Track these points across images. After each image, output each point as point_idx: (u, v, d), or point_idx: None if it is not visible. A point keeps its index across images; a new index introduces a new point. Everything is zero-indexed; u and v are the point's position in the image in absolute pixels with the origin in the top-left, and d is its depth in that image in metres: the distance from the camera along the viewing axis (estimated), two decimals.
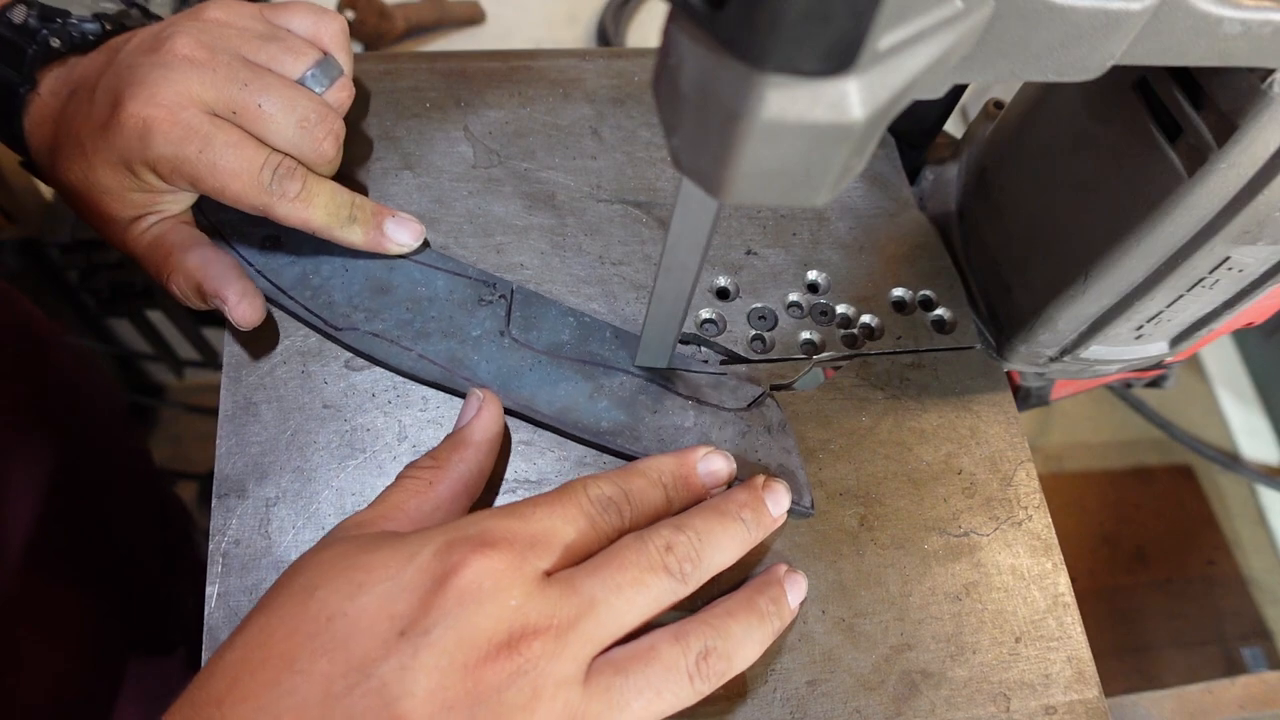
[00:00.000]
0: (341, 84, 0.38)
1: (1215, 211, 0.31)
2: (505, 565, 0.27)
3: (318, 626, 0.26)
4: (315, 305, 0.38)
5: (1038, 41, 0.24)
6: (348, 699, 0.25)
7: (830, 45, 0.19)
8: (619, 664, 0.28)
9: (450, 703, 0.25)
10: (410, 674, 0.25)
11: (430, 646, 0.25)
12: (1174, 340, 0.41)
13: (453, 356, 0.38)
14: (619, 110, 0.47)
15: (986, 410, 0.41)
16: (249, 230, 0.39)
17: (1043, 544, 0.38)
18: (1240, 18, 0.24)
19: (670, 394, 0.38)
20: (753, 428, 0.38)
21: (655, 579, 0.29)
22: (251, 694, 0.25)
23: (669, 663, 0.28)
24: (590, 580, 0.28)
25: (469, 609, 0.26)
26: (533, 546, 0.28)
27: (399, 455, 0.37)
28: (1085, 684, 0.35)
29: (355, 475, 0.36)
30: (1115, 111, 0.33)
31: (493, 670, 0.26)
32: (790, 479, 0.36)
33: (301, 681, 0.25)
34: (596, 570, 0.28)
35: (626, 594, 0.28)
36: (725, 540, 0.31)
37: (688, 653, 0.28)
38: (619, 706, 0.27)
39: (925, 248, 0.44)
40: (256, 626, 0.27)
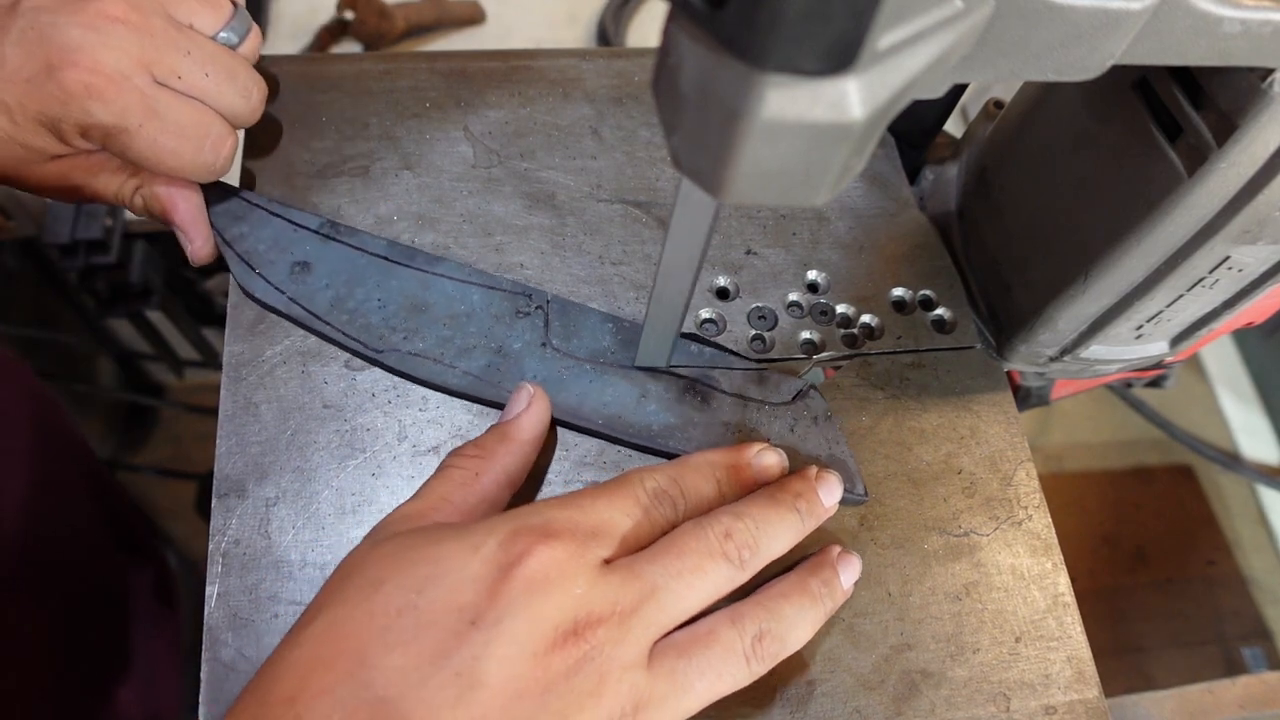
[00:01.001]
0: (254, 34, 0.39)
1: (1215, 211, 0.31)
2: (568, 555, 0.27)
3: (388, 620, 0.26)
4: (352, 329, 0.38)
5: (1037, 41, 0.24)
6: (423, 691, 0.25)
7: (830, 45, 0.19)
8: (681, 647, 0.28)
9: (522, 690, 0.26)
10: (483, 664, 0.25)
11: (501, 636, 0.26)
12: (1174, 340, 0.41)
13: (496, 370, 0.38)
14: (619, 110, 0.47)
15: (986, 410, 0.41)
16: (276, 258, 0.39)
17: (1043, 544, 0.38)
18: (1240, 17, 0.24)
19: (715, 392, 0.38)
20: (799, 420, 0.38)
21: (714, 565, 0.29)
22: (326, 690, 0.25)
23: (727, 645, 0.29)
24: (651, 567, 0.28)
25: (536, 598, 0.26)
26: (593, 536, 0.28)
27: (399, 455, 0.37)
28: (1085, 684, 0.35)
29: (355, 475, 0.36)
30: (1115, 111, 0.33)
31: (561, 657, 0.26)
32: (841, 467, 0.37)
33: (376, 676, 0.25)
34: (657, 557, 0.29)
35: (687, 580, 0.29)
36: (781, 529, 0.32)
37: (744, 635, 0.29)
38: (682, 688, 0.28)
39: (925, 247, 0.44)
40: (323, 623, 0.27)
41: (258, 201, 0.40)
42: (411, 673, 0.25)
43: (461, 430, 0.37)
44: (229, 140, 0.37)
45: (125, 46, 0.33)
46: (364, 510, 0.35)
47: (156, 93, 0.34)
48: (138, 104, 0.34)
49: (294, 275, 0.39)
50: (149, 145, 0.34)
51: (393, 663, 0.25)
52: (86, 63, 0.33)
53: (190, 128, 0.35)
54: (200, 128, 0.35)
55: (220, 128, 0.36)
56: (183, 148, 0.35)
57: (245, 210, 0.40)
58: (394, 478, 0.36)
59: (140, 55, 0.34)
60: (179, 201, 0.38)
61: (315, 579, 0.34)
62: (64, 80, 0.33)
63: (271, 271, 0.39)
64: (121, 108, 0.33)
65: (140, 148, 0.34)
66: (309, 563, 0.34)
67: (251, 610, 0.33)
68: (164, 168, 0.35)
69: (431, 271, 0.40)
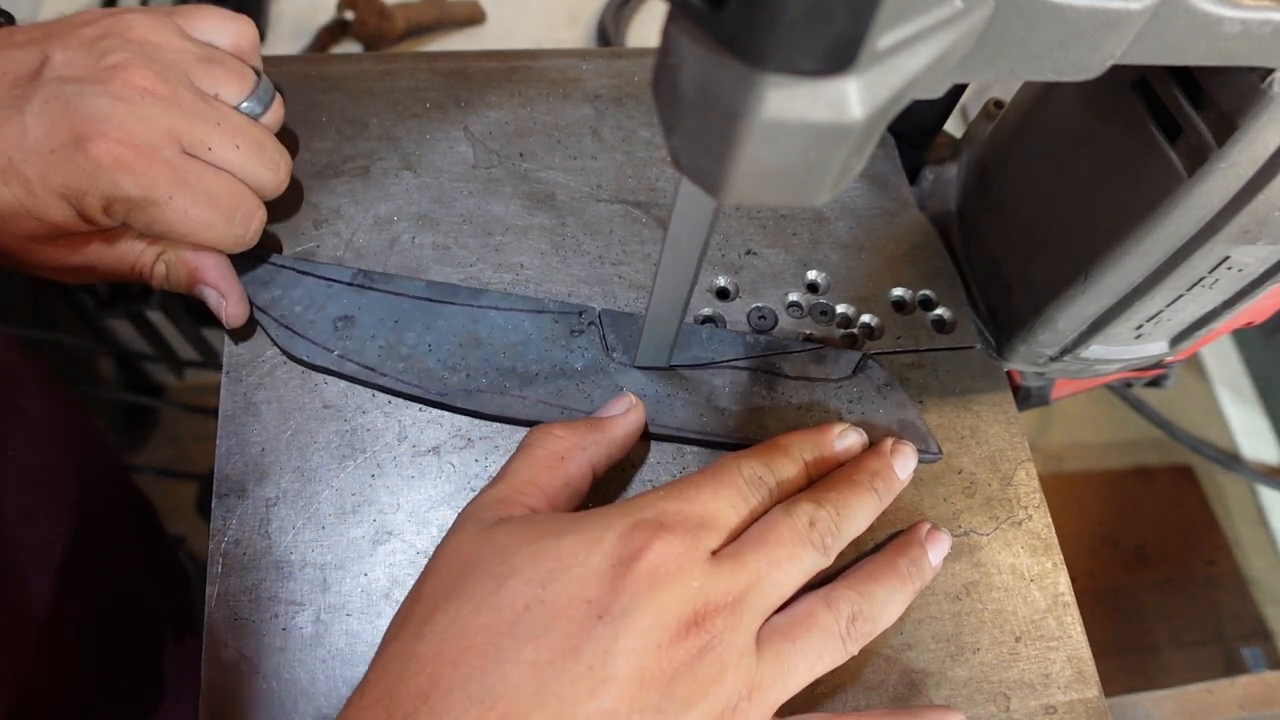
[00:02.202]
0: (277, 104, 0.38)
1: (1215, 211, 0.31)
2: (683, 547, 0.28)
3: (516, 615, 0.27)
4: (411, 376, 0.37)
5: (1037, 41, 0.24)
6: (556, 684, 0.26)
7: (830, 45, 0.19)
8: (784, 631, 0.30)
9: (649, 681, 0.26)
10: (612, 656, 0.26)
11: (629, 629, 0.27)
12: (1174, 340, 0.41)
13: (565, 393, 0.37)
14: (619, 110, 0.47)
15: (986, 410, 0.41)
16: (315, 316, 0.38)
17: (1043, 544, 0.38)
18: (1240, 17, 0.24)
19: (780, 379, 0.39)
20: (864, 392, 0.39)
21: (805, 552, 0.30)
22: (459, 684, 0.26)
23: (825, 628, 0.30)
24: (754, 556, 0.29)
25: (658, 591, 0.27)
26: (701, 527, 0.29)
27: (399, 455, 0.37)
28: (1085, 684, 0.35)
29: (355, 475, 0.36)
30: (1115, 111, 0.33)
31: (684, 647, 0.27)
32: (912, 430, 0.38)
33: (511, 670, 0.26)
34: (758, 546, 0.30)
35: (785, 567, 0.30)
36: (860, 510, 0.33)
37: (840, 618, 0.31)
38: (788, 670, 0.29)
39: (925, 247, 0.44)
40: (447, 617, 0.27)
41: (284, 263, 0.39)
42: (544, 667, 0.26)
43: (461, 430, 0.37)
44: (259, 212, 0.36)
45: (154, 117, 0.33)
46: (364, 510, 0.35)
47: (186, 164, 0.33)
48: (167, 176, 0.33)
49: (339, 331, 0.38)
50: (180, 217, 0.33)
51: (525, 657, 0.26)
52: (115, 134, 0.32)
53: (221, 199, 0.34)
54: (231, 199, 0.35)
55: (250, 200, 0.35)
56: (214, 219, 0.34)
57: (272, 274, 0.39)
58: (394, 478, 0.36)
59: (170, 127, 0.33)
60: (207, 262, 0.37)
61: (315, 579, 0.34)
62: (92, 152, 0.32)
63: (314, 331, 0.38)
64: (151, 180, 0.32)
65: (170, 219, 0.33)
66: (309, 563, 0.34)
67: (251, 610, 0.33)
68: (194, 240, 0.34)
69: (477, 305, 0.39)
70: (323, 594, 0.34)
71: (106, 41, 0.34)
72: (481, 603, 0.27)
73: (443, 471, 0.36)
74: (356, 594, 0.34)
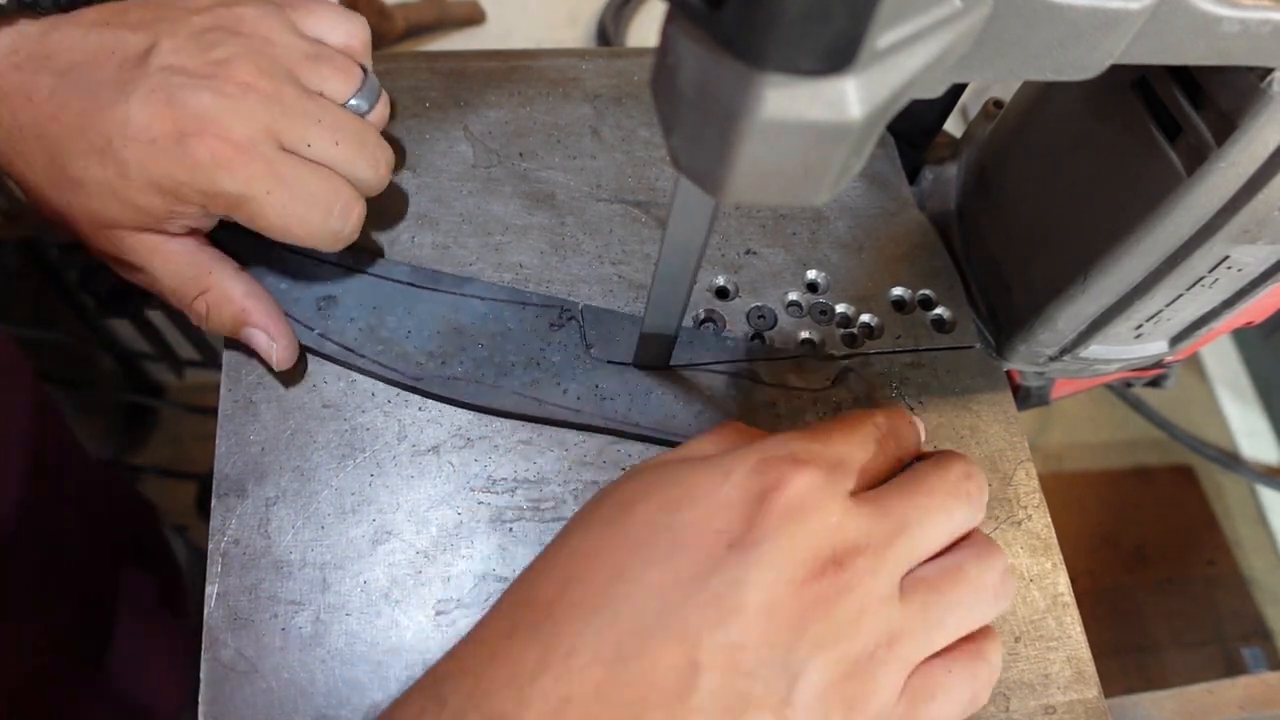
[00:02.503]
0: (383, 102, 0.38)
1: (1214, 211, 0.31)
2: (820, 483, 0.27)
3: (643, 537, 0.26)
4: (388, 359, 0.37)
5: (1036, 40, 0.24)
6: (682, 610, 0.25)
7: (829, 44, 0.19)
8: (931, 582, 0.28)
9: (781, 617, 0.25)
10: (742, 587, 0.25)
11: (760, 561, 0.25)
12: (1174, 339, 0.41)
13: (539, 385, 0.37)
14: (619, 110, 0.47)
15: (986, 410, 0.41)
16: (300, 294, 0.38)
17: (1042, 544, 0.38)
18: (1239, 16, 0.24)
19: (758, 384, 0.39)
20: (844, 403, 0.39)
21: (958, 505, 0.29)
22: (583, 599, 0.25)
23: (976, 581, 0.28)
24: (901, 502, 0.28)
25: (794, 525, 0.26)
26: (837, 467, 0.28)
27: (398, 455, 0.37)
28: (1085, 684, 0.35)
29: (355, 475, 0.36)
30: (1114, 111, 0.33)
31: (820, 586, 0.26)
32: None
33: (635, 589, 0.25)
34: (906, 494, 0.29)
35: (935, 517, 0.28)
36: None
37: (992, 570, 0.29)
38: (935, 623, 0.28)
39: (924, 247, 0.44)
40: (574, 542, 0.27)
41: None
42: (670, 590, 0.25)
43: (461, 429, 0.37)
44: (357, 207, 0.36)
45: (256, 115, 0.33)
46: (364, 510, 0.35)
47: (284, 160, 0.33)
48: (264, 172, 0.33)
49: (321, 310, 0.38)
50: (278, 213, 0.33)
51: (650, 579, 0.25)
52: (215, 130, 0.32)
53: (319, 195, 0.34)
54: (329, 195, 0.34)
55: (349, 194, 0.35)
56: (311, 215, 0.34)
57: (262, 251, 0.39)
58: (393, 477, 0.36)
59: (270, 124, 0.33)
60: (254, 304, 0.36)
61: (315, 578, 0.34)
62: (192, 149, 0.32)
63: (297, 309, 0.38)
64: (248, 176, 0.33)
65: (269, 215, 0.34)
66: (309, 562, 0.34)
67: (251, 610, 0.33)
68: (292, 235, 0.34)
69: (460, 293, 0.39)
70: (322, 594, 0.34)
71: (215, 34, 0.34)
72: (609, 525, 0.27)
73: (442, 471, 0.36)
74: (356, 594, 0.34)
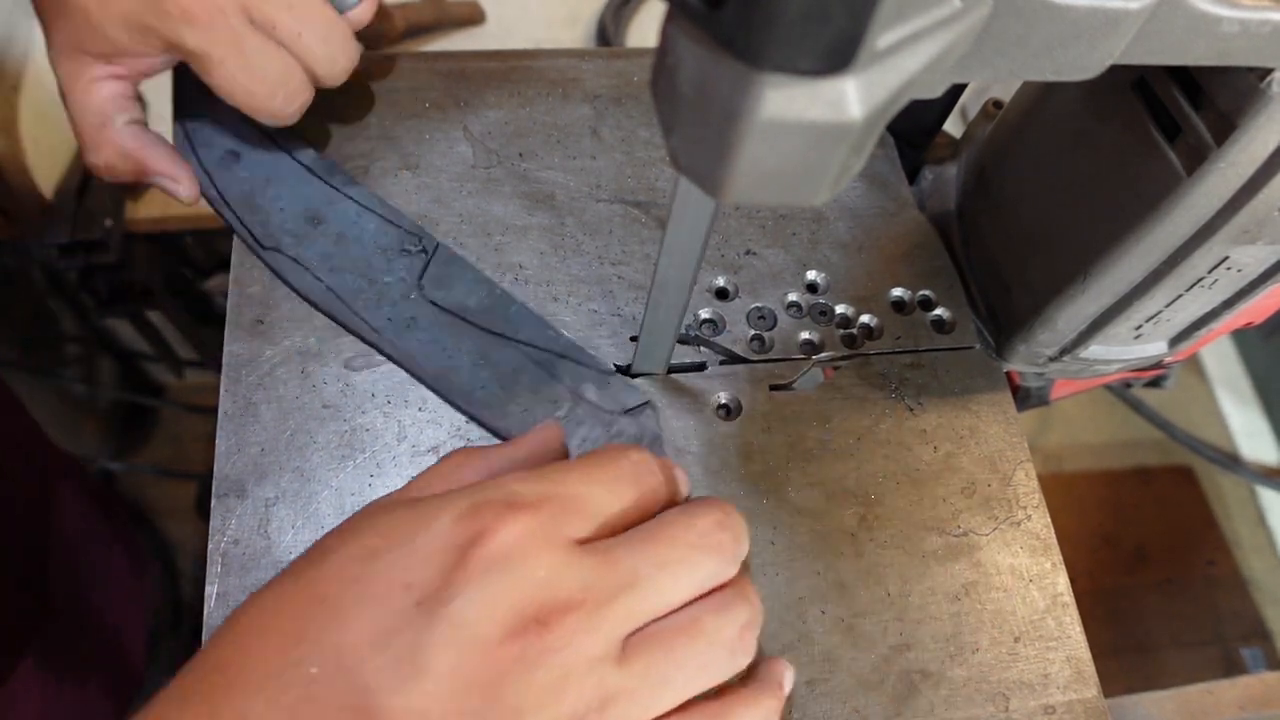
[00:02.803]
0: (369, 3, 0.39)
1: (1214, 211, 0.31)
2: (533, 530, 0.25)
3: (329, 592, 0.24)
4: (251, 222, 0.40)
5: (1036, 41, 0.24)
6: (361, 671, 0.23)
7: (828, 44, 0.19)
8: (659, 639, 0.26)
9: (470, 682, 0.23)
10: (427, 651, 0.23)
11: (449, 620, 0.23)
12: (1173, 340, 0.41)
13: (358, 296, 0.39)
14: (618, 110, 0.47)
15: (986, 410, 0.41)
16: (214, 141, 0.41)
17: (1042, 544, 0.38)
18: (1238, 17, 0.24)
19: (554, 382, 0.38)
20: (624, 434, 0.37)
21: (705, 558, 0.27)
22: (259, 662, 0.24)
23: (712, 636, 0.26)
24: (634, 553, 0.26)
25: (493, 580, 0.24)
26: (565, 511, 0.26)
27: (398, 455, 0.37)
28: (1084, 684, 0.35)
29: (354, 475, 0.36)
30: (1114, 111, 0.33)
31: (518, 647, 0.24)
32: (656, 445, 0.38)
33: (312, 651, 0.23)
34: (643, 543, 0.26)
35: (673, 570, 0.26)
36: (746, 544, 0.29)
37: (732, 624, 0.27)
38: (659, 682, 0.25)
39: (924, 247, 0.44)
40: (271, 592, 0.25)
41: None
42: (348, 652, 0.23)
43: (460, 430, 0.37)
44: (304, 94, 0.38)
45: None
46: None
47: (248, 33, 0.35)
48: (224, 39, 0.35)
49: (223, 162, 0.41)
50: (227, 79, 0.36)
51: (329, 639, 0.23)
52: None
53: (270, 74, 0.36)
54: (280, 76, 0.37)
55: (300, 80, 0.37)
56: (258, 89, 0.36)
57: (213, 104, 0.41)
58: (393, 478, 0.36)
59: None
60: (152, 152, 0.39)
61: None
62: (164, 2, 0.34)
63: (206, 154, 0.41)
64: (209, 39, 0.35)
65: (218, 78, 0.36)
66: None
67: None
68: (235, 101, 0.37)
69: (340, 190, 0.41)
70: None
71: None
72: (299, 577, 0.25)
73: None
74: None
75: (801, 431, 0.39)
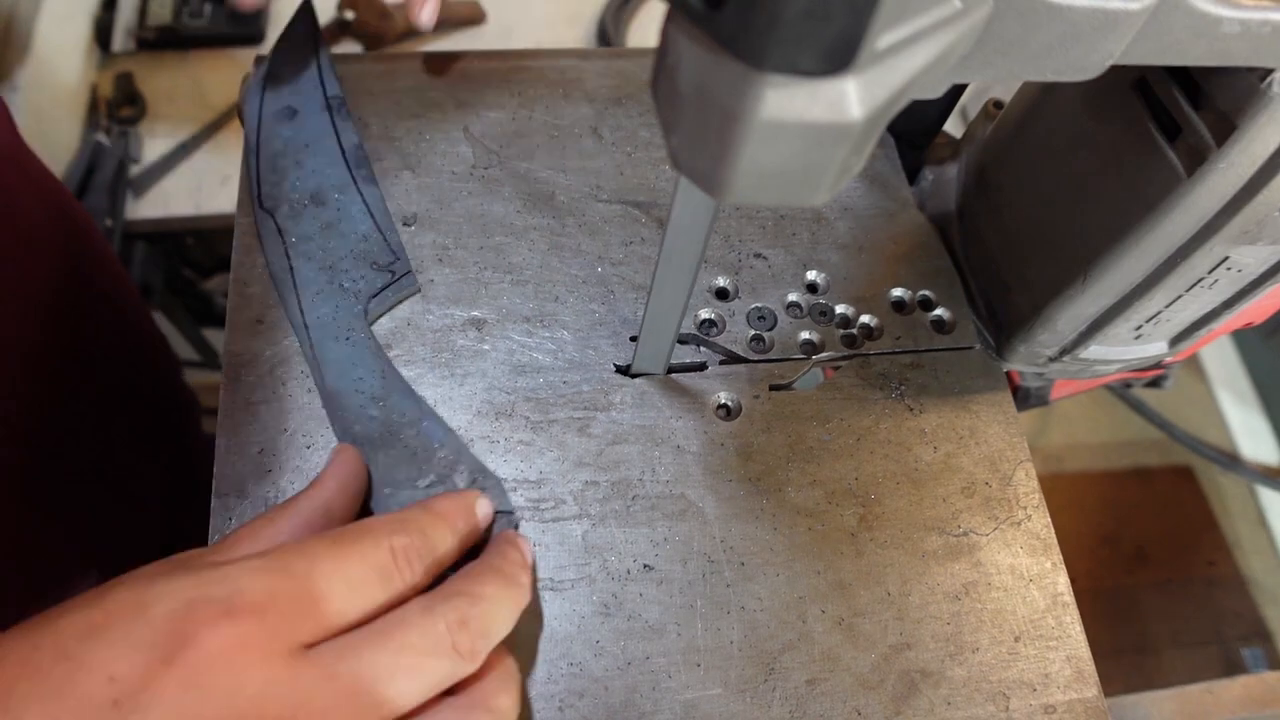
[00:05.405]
0: None
1: (1214, 211, 0.31)
2: (250, 640, 0.23)
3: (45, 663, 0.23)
4: (266, 179, 0.41)
5: (1036, 41, 0.24)
6: None
7: (829, 45, 0.19)
8: None
9: None
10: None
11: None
12: (1173, 340, 0.41)
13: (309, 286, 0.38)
14: (619, 110, 0.47)
15: (986, 410, 0.41)
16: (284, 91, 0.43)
17: (1042, 544, 0.38)
18: (1239, 17, 0.24)
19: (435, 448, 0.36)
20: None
21: (438, 663, 0.25)
22: None
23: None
24: (358, 661, 0.24)
25: (194, 694, 0.22)
26: (296, 613, 0.24)
27: None
28: (1084, 683, 0.35)
29: None
30: (1114, 111, 0.33)
31: None
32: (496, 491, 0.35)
33: None
34: (370, 646, 0.25)
35: (399, 681, 0.24)
36: (510, 609, 0.28)
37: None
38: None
39: (924, 248, 0.44)
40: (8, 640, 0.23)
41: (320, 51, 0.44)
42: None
43: (461, 430, 0.37)
44: None
45: None
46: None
47: None
48: None
49: (278, 115, 0.42)
50: None
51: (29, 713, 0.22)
52: None
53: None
54: None
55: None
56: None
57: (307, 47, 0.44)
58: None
59: None
60: None
61: None
62: None
63: (270, 99, 0.42)
64: None
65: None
66: None
67: None
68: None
69: (356, 183, 0.41)
70: None
71: None
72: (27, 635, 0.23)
73: None
74: None
75: (801, 431, 0.39)
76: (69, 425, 0.50)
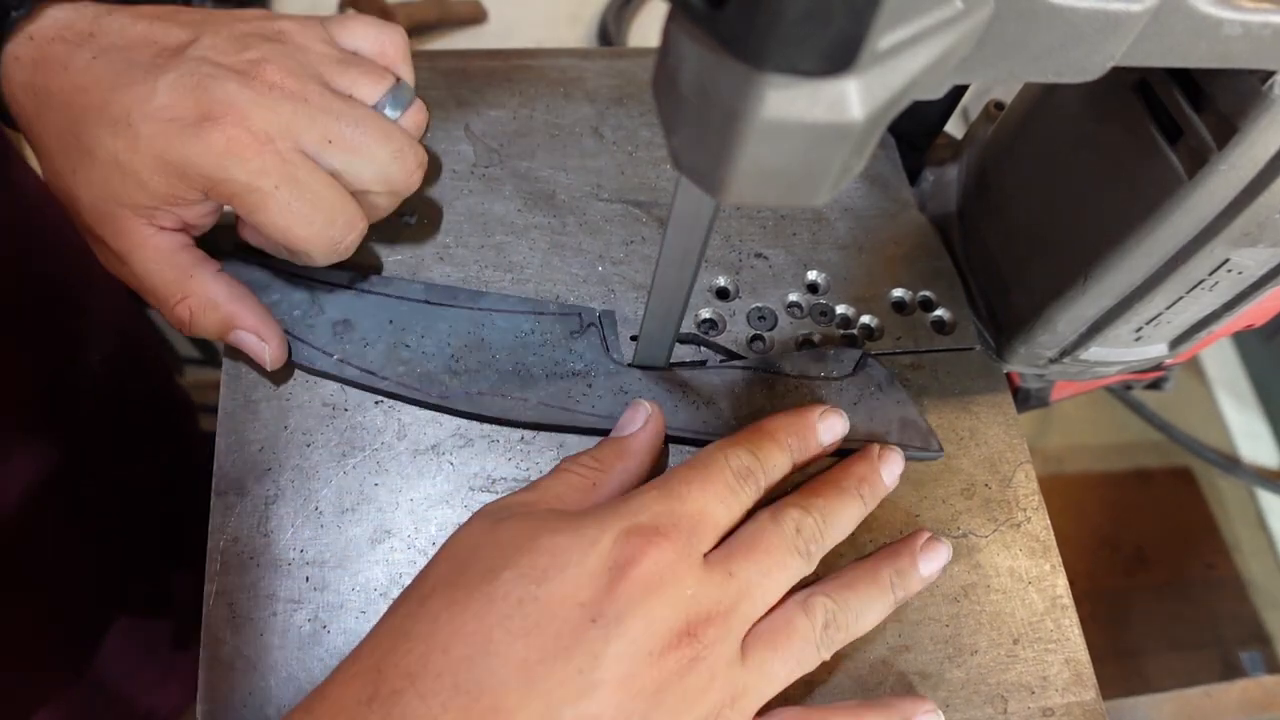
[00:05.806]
0: (416, 108, 0.37)
1: (1215, 213, 0.31)
2: (677, 555, 0.28)
3: (509, 608, 0.27)
4: (411, 380, 0.37)
5: (1038, 42, 0.24)
6: (545, 683, 0.26)
7: (830, 45, 0.19)
8: (767, 639, 0.30)
9: (637, 689, 0.27)
10: (603, 661, 0.26)
11: (621, 635, 0.27)
12: (1173, 342, 0.41)
13: (567, 395, 0.37)
14: (620, 110, 0.47)
15: (986, 411, 0.41)
16: (314, 320, 0.38)
17: (1041, 546, 0.38)
18: (1240, 19, 0.24)
19: (779, 378, 0.39)
20: (864, 391, 0.39)
21: (792, 561, 0.31)
22: (447, 670, 0.26)
23: (804, 635, 0.31)
24: (744, 565, 0.30)
25: (652, 598, 0.27)
26: (694, 531, 0.30)
27: (399, 454, 0.37)
28: (1083, 686, 0.35)
29: (355, 474, 0.36)
30: (1115, 113, 0.33)
31: (675, 657, 0.27)
32: (912, 428, 0.38)
33: (499, 663, 0.26)
34: (748, 554, 0.30)
35: (773, 576, 0.30)
36: (845, 518, 0.33)
37: (816, 625, 0.31)
38: (769, 677, 0.30)
39: (925, 248, 0.44)
40: (440, 602, 0.28)
41: (281, 266, 0.39)
42: (535, 665, 0.26)
43: (461, 429, 0.37)
44: (360, 224, 0.35)
45: (279, 110, 0.33)
46: (363, 509, 0.35)
47: (299, 161, 0.33)
48: (275, 167, 0.32)
49: (337, 334, 0.38)
50: (280, 210, 0.33)
51: (515, 653, 0.26)
52: (235, 119, 0.32)
53: (326, 201, 0.34)
54: (336, 203, 0.34)
55: (354, 210, 0.35)
56: (315, 217, 0.33)
57: (269, 279, 0.39)
58: (394, 476, 0.36)
59: (291, 123, 0.33)
60: (241, 307, 0.36)
61: (314, 577, 0.34)
62: (208, 132, 0.32)
63: (314, 336, 0.38)
64: (259, 169, 0.32)
65: (272, 211, 0.33)
66: (308, 561, 0.34)
67: (250, 608, 0.33)
68: (291, 235, 0.33)
69: (476, 308, 0.39)
70: (321, 592, 0.34)
71: (253, 38, 0.34)
72: (474, 591, 0.27)
73: (442, 470, 0.36)
74: (355, 592, 0.34)
75: None
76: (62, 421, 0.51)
